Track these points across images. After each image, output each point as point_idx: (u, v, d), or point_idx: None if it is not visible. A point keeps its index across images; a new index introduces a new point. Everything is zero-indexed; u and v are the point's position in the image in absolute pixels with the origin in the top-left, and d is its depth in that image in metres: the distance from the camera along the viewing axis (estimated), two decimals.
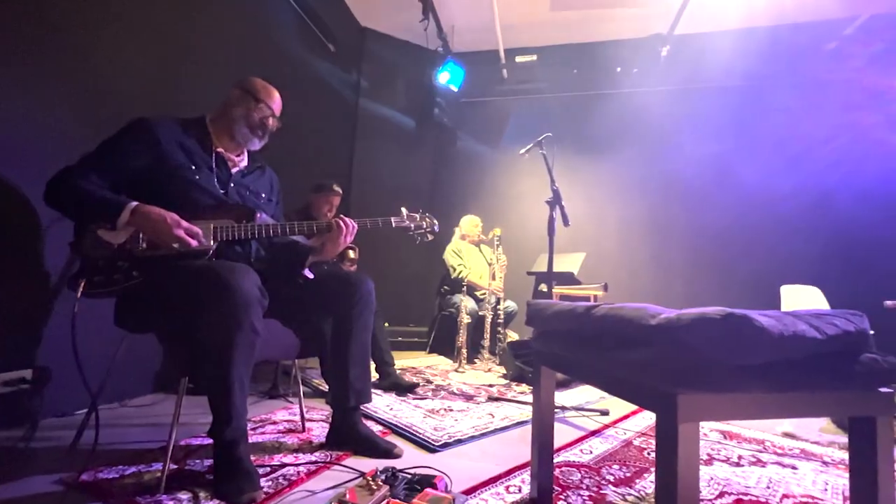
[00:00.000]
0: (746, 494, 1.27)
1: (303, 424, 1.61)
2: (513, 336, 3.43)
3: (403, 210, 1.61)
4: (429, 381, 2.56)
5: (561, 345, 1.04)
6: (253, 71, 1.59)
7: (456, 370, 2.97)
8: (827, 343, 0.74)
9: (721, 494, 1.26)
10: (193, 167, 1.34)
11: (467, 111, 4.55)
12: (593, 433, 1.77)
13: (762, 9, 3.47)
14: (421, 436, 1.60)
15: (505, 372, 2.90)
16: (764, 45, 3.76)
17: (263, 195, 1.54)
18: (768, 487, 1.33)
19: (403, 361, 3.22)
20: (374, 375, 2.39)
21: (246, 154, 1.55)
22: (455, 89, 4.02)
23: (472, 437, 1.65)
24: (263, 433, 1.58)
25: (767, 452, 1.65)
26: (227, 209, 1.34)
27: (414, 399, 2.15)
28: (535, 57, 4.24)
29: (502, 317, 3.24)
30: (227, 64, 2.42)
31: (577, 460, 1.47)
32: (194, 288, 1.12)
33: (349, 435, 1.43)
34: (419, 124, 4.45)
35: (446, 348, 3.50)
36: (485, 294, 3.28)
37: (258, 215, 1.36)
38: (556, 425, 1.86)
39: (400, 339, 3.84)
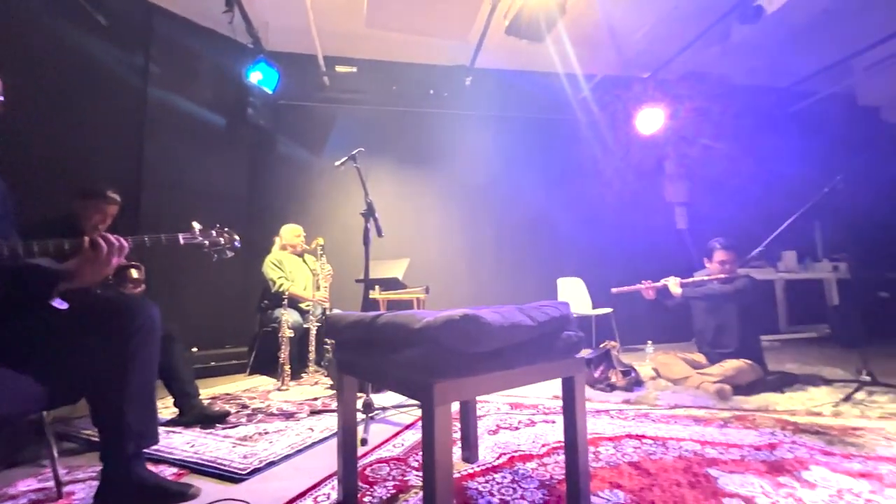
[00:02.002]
0: (518, 451, 1.59)
1: (59, 490, 1.31)
2: None
3: (195, 224, 1.47)
4: (244, 406, 2.36)
5: (355, 352, 1.13)
6: None
7: (279, 389, 2.81)
8: (539, 327, 1.01)
9: (500, 456, 1.55)
10: None
11: (287, 114, 4.34)
12: (407, 427, 1.93)
13: (539, 56, 4.31)
14: (226, 468, 1.48)
15: (332, 383, 2.88)
16: (539, 87, 4.71)
17: None
18: (534, 441, 1.69)
19: (217, 388, 2.89)
20: (174, 411, 2.09)
21: None
22: (269, 91, 3.78)
23: (288, 456, 1.61)
24: None
25: (539, 413, 2.09)
26: None
27: (223, 429, 1.96)
28: (355, 68, 4.33)
29: None
30: None
31: (388, 455, 1.59)
32: None
33: (128, 487, 1.23)
34: (230, 124, 4.03)
35: (270, 367, 3.27)
36: (310, 305, 3.19)
37: None
38: (377, 425, 1.97)
39: (213, 363, 3.42)
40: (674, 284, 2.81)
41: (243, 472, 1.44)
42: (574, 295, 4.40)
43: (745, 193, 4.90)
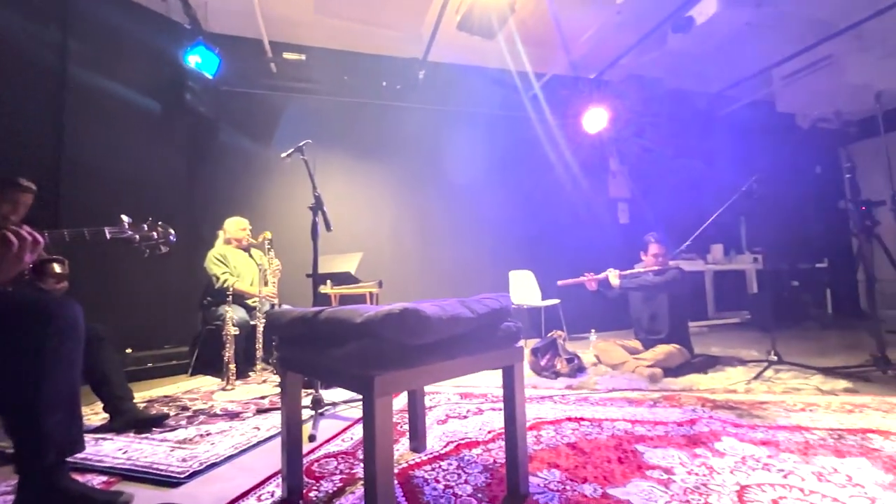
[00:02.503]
0: (465, 438, 1.65)
1: None
2: None
3: (124, 218, 1.38)
4: (185, 408, 2.25)
5: (298, 348, 1.12)
6: None
7: (224, 389, 2.70)
8: (478, 319, 1.05)
9: (447, 444, 1.59)
10: None
11: (230, 102, 4.11)
12: (357, 421, 1.93)
13: (491, 53, 4.37)
14: (162, 472, 1.42)
15: (280, 380, 2.81)
16: (492, 83, 4.78)
17: None
18: (480, 428, 1.75)
19: (154, 391, 2.73)
20: (105, 416, 1.96)
21: None
22: (209, 76, 3.57)
23: (231, 457, 1.57)
24: None
25: (488, 402, 2.16)
26: None
27: (161, 433, 1.87)
28: (303, 56, 4.18)
29: None
30: None
31: (336, 450, 1.59)
32: None
33: (48, 498, 1.15)
34: (167, 110, 3.76)
35: (214, 367, 3.13)
36: (257, 302, 3.08)
37: None
38: (327, 421, 1.96)
39: (150, 365, 3.22)
40: (613, 276, 2.99)
41: (181, 476, 1.39)
42: (525, 287, 4.55)
43: (679, 191, 5.27)
